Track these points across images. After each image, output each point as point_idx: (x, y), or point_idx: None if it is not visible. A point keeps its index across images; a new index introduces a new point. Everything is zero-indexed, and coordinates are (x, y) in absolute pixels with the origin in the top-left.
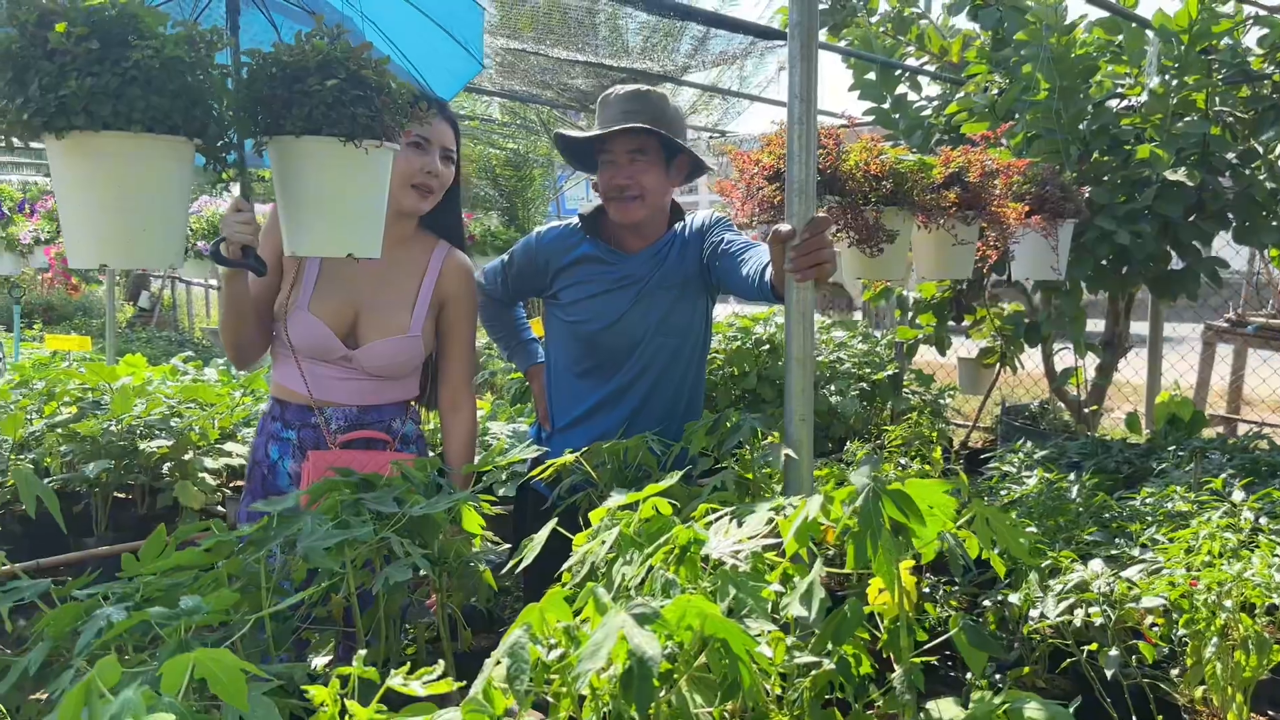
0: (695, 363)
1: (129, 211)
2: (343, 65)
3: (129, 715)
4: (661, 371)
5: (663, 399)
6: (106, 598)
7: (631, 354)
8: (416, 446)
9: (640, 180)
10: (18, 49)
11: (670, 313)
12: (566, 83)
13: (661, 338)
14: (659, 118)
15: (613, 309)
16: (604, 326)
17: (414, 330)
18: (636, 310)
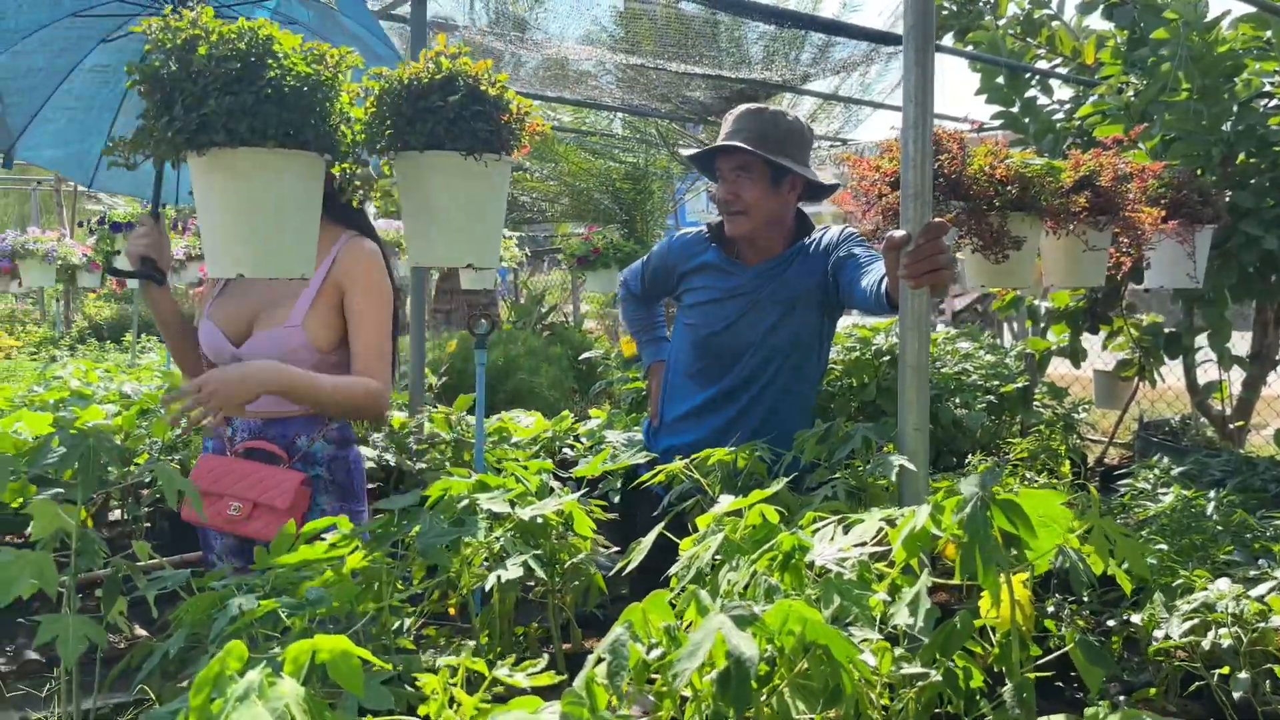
0: (802, 378)
1: (264, 223)
2: (464, 82)
3: (254, 694)
4: (765, 383)
5: (762, 408)
6: (241, 588)
7: (737, 362)
8: (326, 468)
9: (743, 196)
10: (164, 72)
11: (777, 327)
12: (686, 95)
13: (767, 350)
14: (764, 136)
15: (722, 317)
16: (713, 332)
17: (292, 320)
18: (744, 321)
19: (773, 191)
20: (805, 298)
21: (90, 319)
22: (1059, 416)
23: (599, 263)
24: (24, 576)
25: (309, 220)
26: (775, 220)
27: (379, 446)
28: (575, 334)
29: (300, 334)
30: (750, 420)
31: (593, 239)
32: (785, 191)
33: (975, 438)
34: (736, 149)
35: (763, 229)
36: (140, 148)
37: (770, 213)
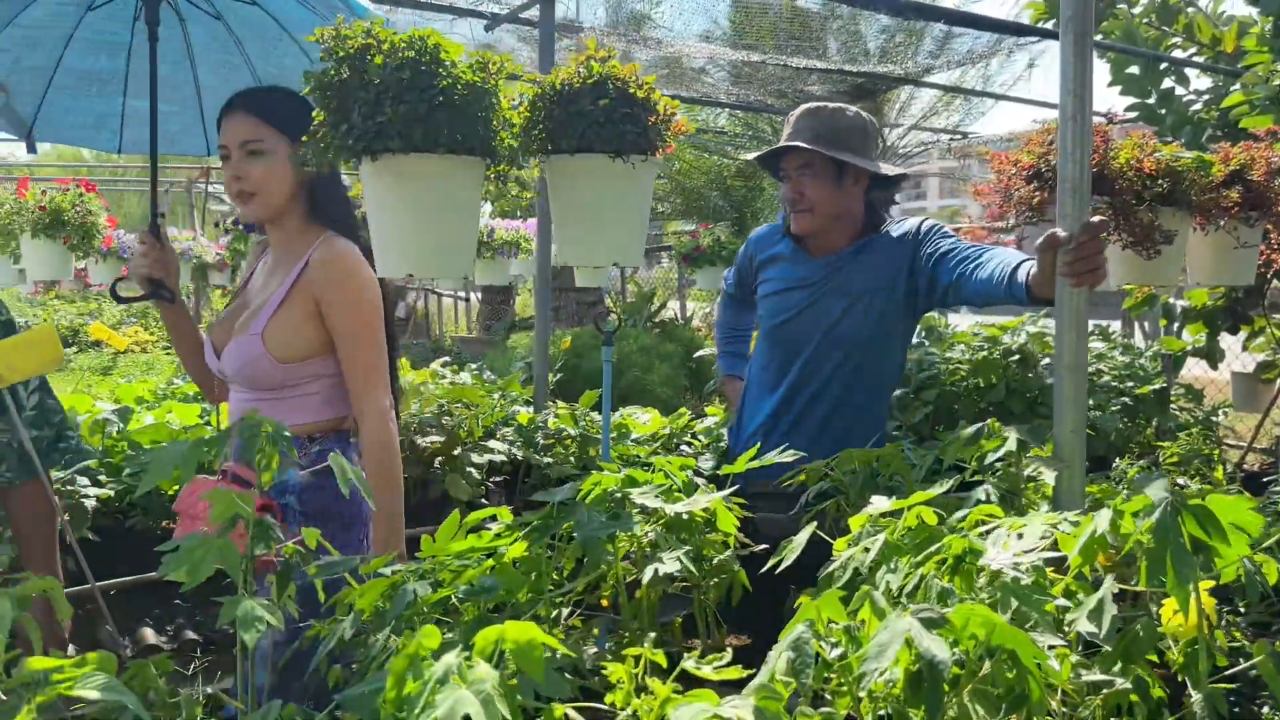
0: (865, 378)
1: (431, 226)
2: (614, 85)
3: (453, 676)
4: (826, 379)
5: (821, 409)
6: (412, 575)
7: (799, 355)
8: (297, 498)
9: (806, 194)
10: (339, 80)
11: (840, 321)
12: (803, 89)
13: (829, 344)
14: (823, 133)
15: (787, 306)
16: (777, 323)
17: (254, 329)
18: (808, 312)
19: (836, 187)
20: (874, 292)
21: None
22: (1197, 420)
23: (705, 260)
24: (210, 559)
25: (471, 223)
26: (841, 215)
27: (509, 441)
28: (685, 332)
29: (258, 344)
30: (807, 427)
31: (701, 236)
32: (849, 186)
33: (1109, 441)
34: (797, 148)
35: (829, 224)
36: (322, 153)
37: (835, 208)
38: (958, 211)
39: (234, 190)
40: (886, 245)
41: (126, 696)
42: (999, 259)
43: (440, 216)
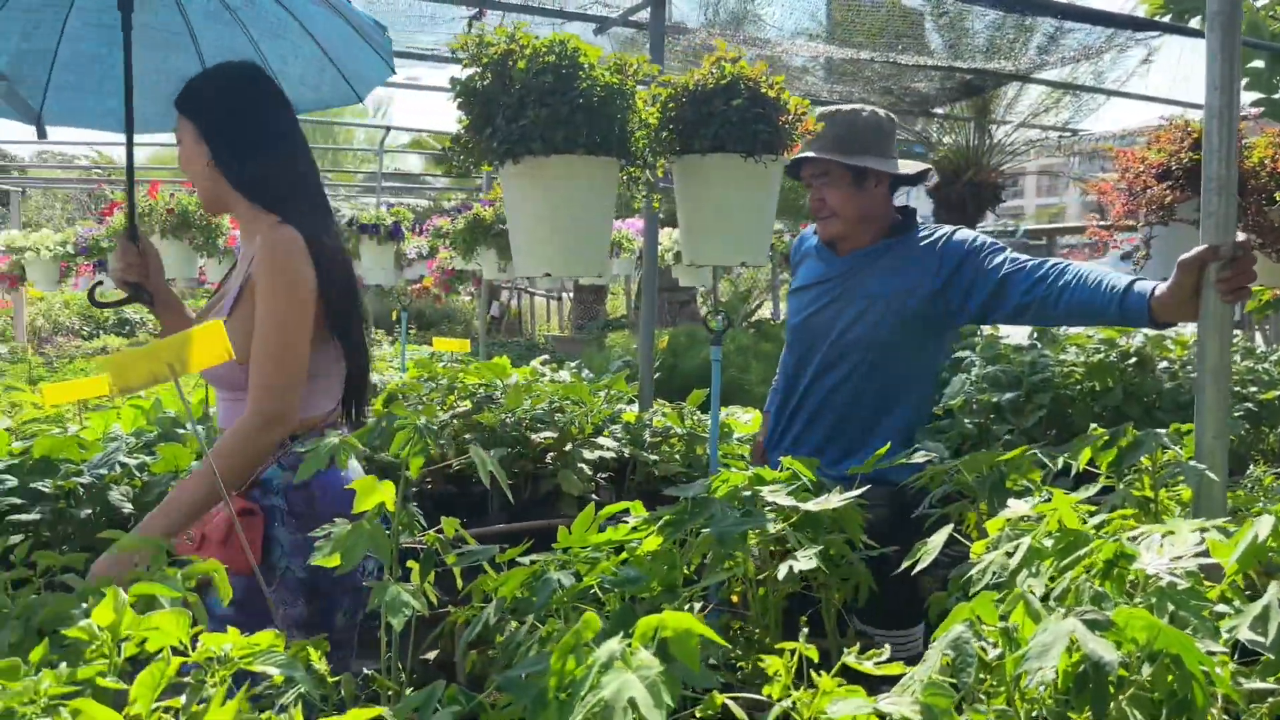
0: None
1: (569, 225)
2: (745, 86)
3: (617, 662)
4: (837, 383)
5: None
6: (551, 565)
7: (814, 354)
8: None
9: (827, 201)
10: (482, 86)
11: (854, 324)
12: (909, 86)
13: (843, 345)
14: (840, 139)
15: (807, 302)
16: (796, 322)
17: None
18: (826, 310)
19: (856, 191)
20: (898, 296)
21: None
22: None
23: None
24: (361, 546)
25: (605, 222)
26: (865, 217)
27: (616, 438)
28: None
29: None
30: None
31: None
32: (871, 188)
33: (1232, 447)
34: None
35: (855, 227)
36: (468, 158)
37: (858, 211)
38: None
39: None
40: (912, 249)
41: (301, 672)
42: (1093, 275)
43: (576, 216)
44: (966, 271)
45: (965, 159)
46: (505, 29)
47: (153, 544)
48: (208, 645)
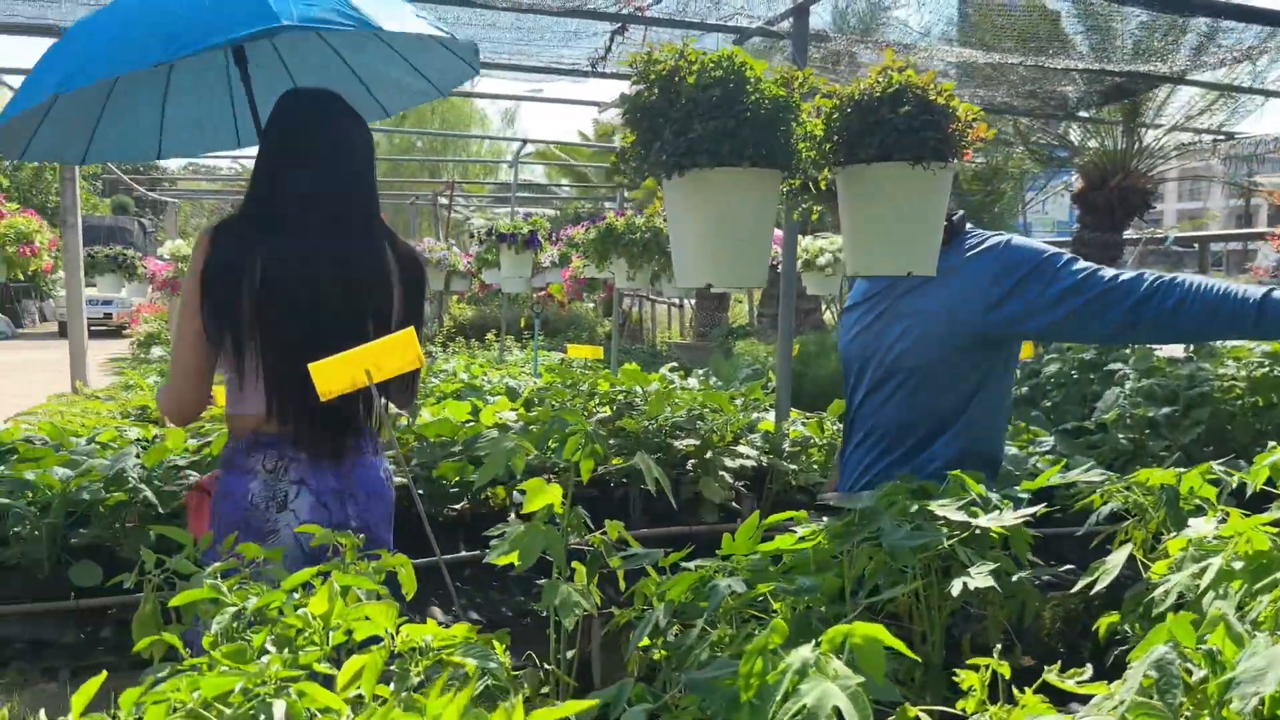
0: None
1: (731, 237)
2: (912, 94)
3: (812, 670)
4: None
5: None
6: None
7: (860, 379)
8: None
9: None
10: (649, 102)
11: (898, 342)
12: (1055, 90)
13: (887, 367)
14: None
15: (853, 323)
16: (847, 340)
17: None
18: (870, 330)
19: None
20: (944, 311)
21: (455, 319)
22: None
23: None
24: (537, 545)
25: (766, 233)
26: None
27: (756, 447)
28: None
29: None
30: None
31: None
32: None
33: None
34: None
35: None
36: (635, 170)
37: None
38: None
39: None
40: (960, 260)
41: (496, 664)
42: (1212, 284)
43: (739, 228)
44: (1033, 287)
45: (1113, 163)
46: (675, 46)
47: None
48: (410, 635)
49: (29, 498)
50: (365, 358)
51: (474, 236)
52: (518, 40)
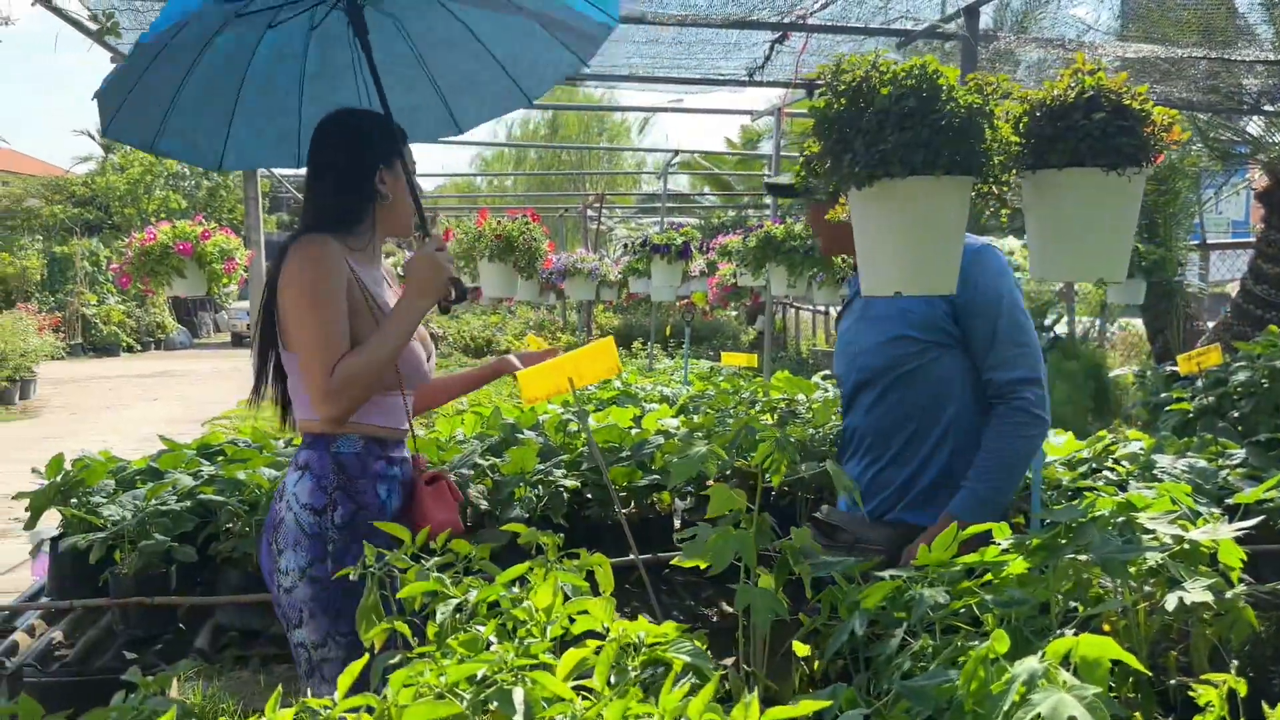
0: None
1: (921, 245)
2: (1106, 99)
3: (1041, 680)
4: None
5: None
6: (915, 582)
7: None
8: None
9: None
10: (839, 113)
11: (870, 345)
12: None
13: (864, 374)
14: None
15: (841, 330)
16: (839, 345)
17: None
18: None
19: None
20: (900, 314)
21: (602, 327)
22: None
23: None
24: (730, 548)
25: (956, 241)
26: (837, 234)
27: None
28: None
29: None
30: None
31: None
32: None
33: None
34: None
35: (832, 245)
36: (824, 182)
37: (827, 229)
38: None
39: None
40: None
41: (706, 661)
42: (985, 457)
43: (929, 236)
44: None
45: None
46: (867, 56)
47: None
48: (625, 631)
49: (239, 496)
50: (568, 365)
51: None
52: (678, 55)
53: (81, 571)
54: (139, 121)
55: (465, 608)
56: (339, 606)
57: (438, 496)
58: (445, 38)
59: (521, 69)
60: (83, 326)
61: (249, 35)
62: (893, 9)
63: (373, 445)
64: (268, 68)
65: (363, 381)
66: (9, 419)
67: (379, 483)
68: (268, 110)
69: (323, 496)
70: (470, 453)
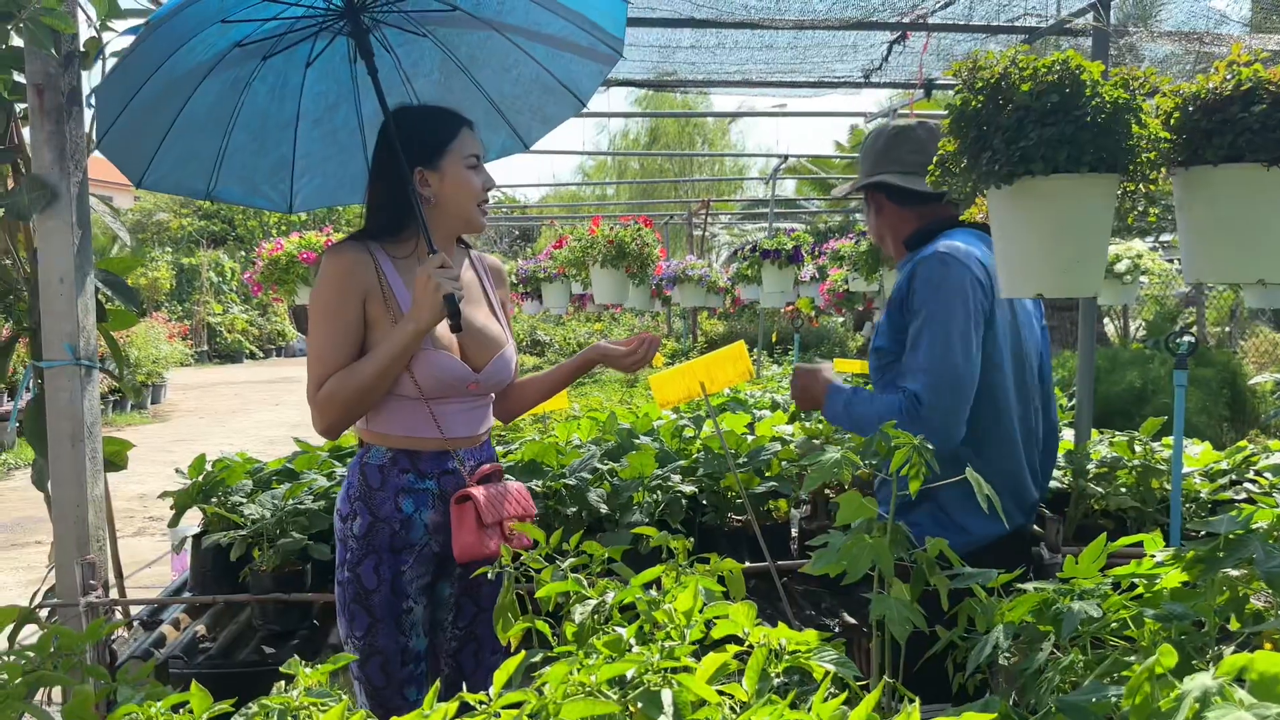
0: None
1: (1065, 246)
2: (1266, 92)
3: (1215, 698)
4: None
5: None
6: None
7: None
8: None
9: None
10: (976, 110)
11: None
12: None
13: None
14: (866, 158)
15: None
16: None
17: (509, 337)
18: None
19: (879, 213)
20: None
21: (707, 334)
22: None
23: None
24: (865, 557)
25: (1102, 241)
26: (882, 236)
27: (1059, 467)
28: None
29: (514, 350)
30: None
31: None
32: (883, 205)
33: None
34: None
35: (894, 251)
36: (960, 181)
37: (886, 231)
38: None
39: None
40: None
41: (851, 670)
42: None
43: (1073, 236)
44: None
45: None
46: (1006, 53)
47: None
48: (767, 637)
49: None
50: (700, 370)
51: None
52: (793, 59)
53: (222, 568)
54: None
55: (602, 609)
56: (352, 611)
57: (460, 517)
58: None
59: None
60: (208, 334)
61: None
62: (1015, 6)
63: (401, 457)
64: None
65: (341, 399)
66: (142, 422)
67: (402, 496)
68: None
69: (347, 505)
70: (589, 457)
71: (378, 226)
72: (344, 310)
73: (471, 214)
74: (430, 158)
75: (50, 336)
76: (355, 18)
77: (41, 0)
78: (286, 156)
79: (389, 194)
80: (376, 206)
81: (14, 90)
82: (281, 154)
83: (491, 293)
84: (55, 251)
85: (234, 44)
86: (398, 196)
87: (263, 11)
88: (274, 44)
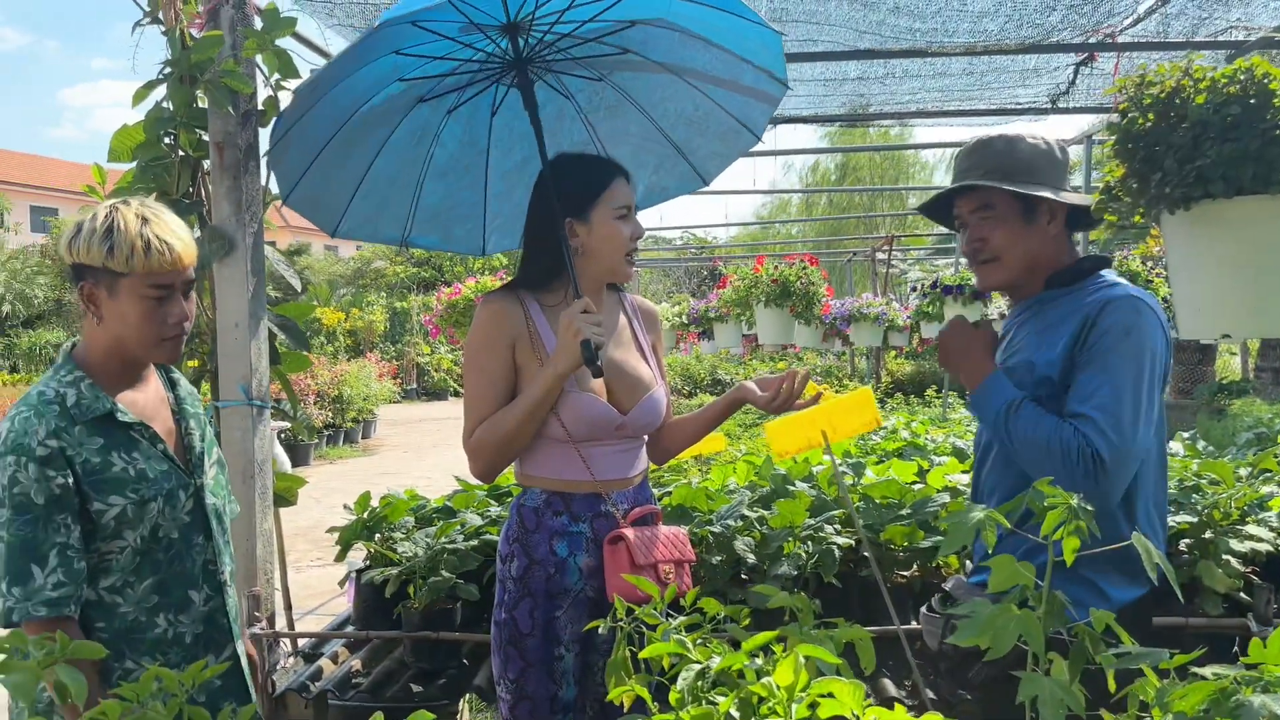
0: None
1: (1258, 278)
2: None
3: None
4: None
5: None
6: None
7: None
8: None
9: (991, 241)
10: (1146, 128)
11: (1016, 369)
12: None
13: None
14: (1002, 166)
15: None
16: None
17: (659, 379)
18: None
19: (1026, 228)
20: (1031, 363)
21: (893, 374)
22: None
23: None
24: (1013, 630)
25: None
26: (1038, 262)
27: (1271, 527)
28: None
29: (666, 392)
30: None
31: None
32: (1044, 224)
33: None
34: (972, 187)
35: (1024, 275)
36: (1129, 208)
37: (1029, 253)
38: None
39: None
40: (1073, 306)
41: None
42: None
43: (1265, 267)
44: (1081, 361)
45: None
46: (1177, 65)
47: None
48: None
49: None
50: (821, 417)
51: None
52: (969, 86)
53: (380, 604)
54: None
55: (707, 675)
56: (507, 653)
57: (613, 557)
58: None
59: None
60: (417, 373)
61: (478, 123)
62: (1217, 19)
63: (554, 499)
64: (501, 155)
65: (490, 445)
66: (353, 455)
67: (556, 539)
68: (521, 195)
69: (506, 546)
70: (738, 503)
71: (529, 276)
72: (492, 359)
73: (618, 264)
74: (580, 209)
75: (226, 378)
76: (522, 70)
77: (222, 63)
78: (478, 202)
79: (541, 245)
80: (529, 257)
81: (198, 147)
82: (473, 199)
83: (642, 335)
84: (231, 298)
85: (418, 99)
86: (549, 247)
87: (437, 69)
88: (457, 97)
